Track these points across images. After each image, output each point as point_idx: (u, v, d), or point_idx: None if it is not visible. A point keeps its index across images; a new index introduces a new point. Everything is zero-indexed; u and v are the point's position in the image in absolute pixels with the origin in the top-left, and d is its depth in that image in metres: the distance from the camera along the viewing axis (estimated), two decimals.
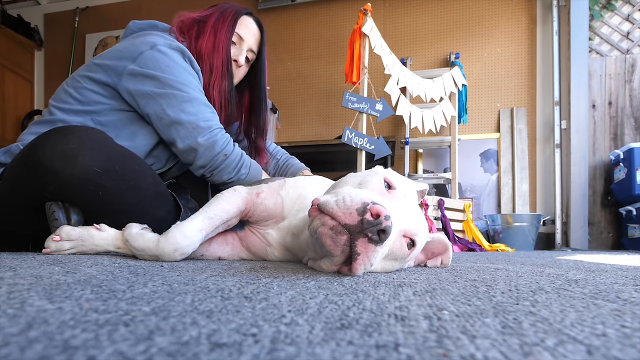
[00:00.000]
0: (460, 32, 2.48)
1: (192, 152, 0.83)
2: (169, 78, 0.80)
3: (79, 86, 0.82)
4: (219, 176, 0.86)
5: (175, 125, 0.81)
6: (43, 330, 0.19)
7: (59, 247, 0.62)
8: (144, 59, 0.80)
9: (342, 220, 0.42)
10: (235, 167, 0.86)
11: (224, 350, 0.17)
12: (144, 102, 0.81)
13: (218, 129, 0.84)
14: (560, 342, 0.20)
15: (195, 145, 0.82)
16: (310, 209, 0.46)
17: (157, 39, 0.83)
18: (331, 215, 0.42)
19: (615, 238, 2.28)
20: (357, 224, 0.42)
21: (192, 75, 0.85)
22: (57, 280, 0.34)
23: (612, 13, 2.37)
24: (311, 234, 0.46)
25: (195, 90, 0.84)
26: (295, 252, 0.63)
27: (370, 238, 0.42)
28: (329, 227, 0.42)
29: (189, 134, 0.81)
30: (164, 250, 0.57)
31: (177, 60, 0.83)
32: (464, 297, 0.33)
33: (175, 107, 0.80)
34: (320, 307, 0.27)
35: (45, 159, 0.63)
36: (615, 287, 0.42)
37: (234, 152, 0.86)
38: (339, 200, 0.43)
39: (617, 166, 2.14)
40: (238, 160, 0.86)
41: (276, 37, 2.75)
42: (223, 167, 0.85)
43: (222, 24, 0.93)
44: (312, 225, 0.45)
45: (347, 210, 0.42)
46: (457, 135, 2.23)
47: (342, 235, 0.42)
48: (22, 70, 3.01)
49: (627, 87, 2.33)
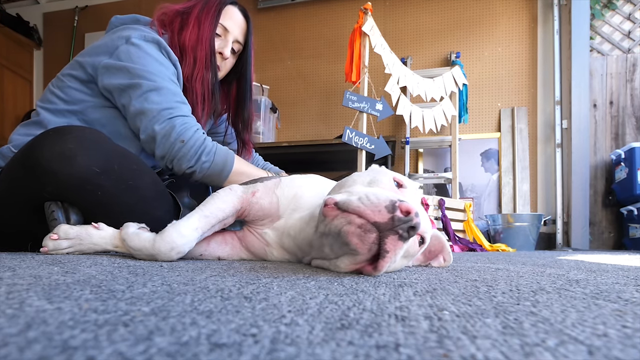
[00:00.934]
0: (460, 32, 2.48)
1: (151, 141, 0.79)
2: (137, 68, 0.78)
3: (64, 85, 0.82)
4: (178, 165, 0.80)
5: (139, 115, 0.78)
6: (42, 331, 0.19)
7: (56, 245, 0.62)
8: (118, 53, 0.79)
9: (371, 218, 0.42)
10: (195, 154, 0.79)
11: (223, 351, 0.17)
12: (117, 95, 0.80)
13: (179, 116, 0.79)
14: (561, 343, 0.20)
15: (153, 133, 0.77)
16: (326, 209, 0.45)
17: (132, 32, 0.82)
18: (358, 213, 0.42)
19: (617, 238, 2.27)
20: (388, 221, 0.41)
21: (165, 66, 0.82)
22: (56, 281, 0.34)
23: (613, 12, 2.36)
24: (328, 233, 0.45)
25: (165, 79, 0.81)
26: (293, 252, 0.63)
27: (400, 235, 0.42)
28: (357, 226, 0.42)
29: (148, 123, 0.78)
30: (160, 250, 0.57)
31: (150, 51, 0.81)
32: (465, 298, 0.33)
33: (140, 97, 0.77)
34: (320, 307, 0.27)
35: (43, 160, 0.62)
36: (617, 287, 0.42)
37: (193, 138, 0.79)
38: (362, 198, 0.43)
39: (618, 166, 2.14)
40: (198, 147, 0.79)
41: (276, 36, 2.74)
42: (182, 155, 0.78)
43: (205, 15, 0.89)
44: (334, 224, 0.44)
45: (376, 208, 0.42)
46: (457, 135, 2.23)
47: (372, 233, 0.42)
48: (21, 70, 3.00)
49: (629, 87, 2.32)
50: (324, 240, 0.48)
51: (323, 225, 0.46)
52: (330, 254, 0.48)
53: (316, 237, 0.50)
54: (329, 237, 0.46)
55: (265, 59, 2.73)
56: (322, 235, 0.47)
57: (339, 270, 0.48)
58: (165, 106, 0.79)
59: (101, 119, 0.83)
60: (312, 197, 0.64)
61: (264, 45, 2.72)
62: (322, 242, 0.48)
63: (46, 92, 0.85)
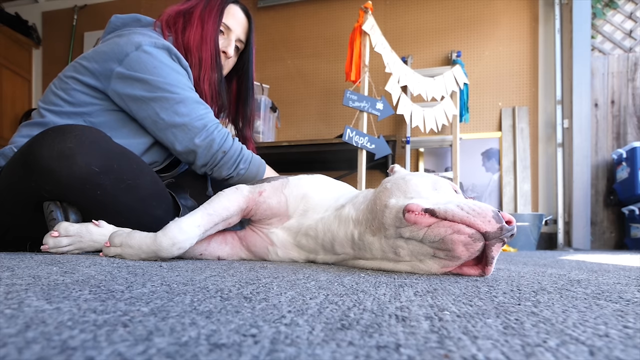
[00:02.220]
0: (461, 30, 2.47)
1: (191, 153, 0.84)
2: (158, 80, 0.80)
3: (68, 88, 0.82)
4: (218, 173, 0.87)
5: (171, 128, 0.81)
6: (41, 331, 0.19)
7: (57, 243, 0.62)
8: (130, 61, 0.79)
9: (482, 229, 0.44)
10: (234, 163, 0.86)
11: (223, 351, 0.17)
12: (137, 107, 0.81)
13: (214, 126, 0.84)
14: (562, 343, 0.20)
15: (193, 146, 0.82)
16: (415, 216, 0.46)
17: (142, 38, 0.82)
18: (468, 223, 0.44)
19: (618, 238, 2.27)
20: (497, 231, 0.44)
21: (181, 74, 0.84)
22: (55, 281, 0.34)
23: (615, 11, 2.36)
24: (419, 239, 0.47)
25: (186, 89, 0.83)
26: (312, 251, 0.64)
27: (504, 242, 0.46)
28: (468, 235, 0.44)
29: (185, 136, 0.82)
30: (161, 244, 0.56)
31: (164, 59, 0.82)
32: (466, 298, 0.33)
33: (168, 110, 0.80)
34: (320, 307, 0.27)
35: (43, 159, 0.62)
36: (618, 287, 0.42)
37: (233, 147, 0.86)
38: (464, 207, 0.45)
39: (620, 165, 2.13)
40: (237, 156, 0.87)
41: (276, 35, 2.74)
42: (222, 164, 0.86)
43: (208, 15, 0.91)
44: (433, 231, 0.45)
45: (485, 219, 0.44)
46: (458, 134, 2.22)
47: (479, 242, 0.45)
48: (19, 69, 2.99)
49: (630, 86, 2.32)
50: (400, 243, 0.49)
51: (408, 231, 0.47)
52: (405, 257, 0.50)
53: (378, 239, 0.52)
54: (411, 242, 0.48)
55: (265, 58, 2.72)
56: (398, 239, 0.49)
57: (419, 272, 0.50)
58: (197, 117, 0.82)
59: (109, 122, 0.83)
60: (323, 198, 0.65)
61: (264, 44, 2.72)
62: (394, 245, 0.50)
63: (48, 94, 0.84)
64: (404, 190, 0.52)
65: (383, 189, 0.54)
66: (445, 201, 0.47)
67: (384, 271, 0.53)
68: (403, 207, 0.47)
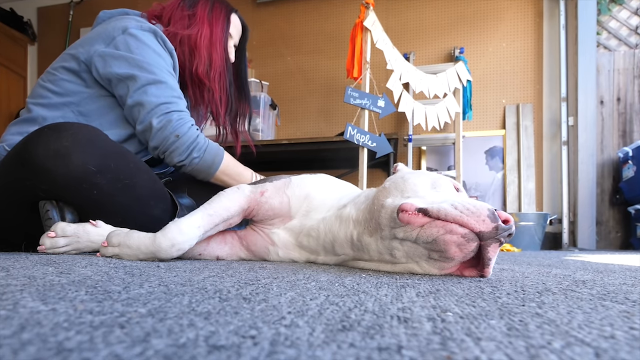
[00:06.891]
0: (464, 27, 2.45)
1: (147, 132, 0.83)
2: (136, 59, 0.81)
3: (55, 78, 0.83)
4: (170, 158, 0.85)
5: (137, 106, 0.82)
6: (36, 332, 0.18)
7: (54, 243, 0.61)
8: (116, 44, 0.82)
9: (476, 228, 0.42)
10: (187, 149, 0.84)
11: (222, 353, 0.17)
12: (115, 84, 0.82)
13: (175, 111, 0.83)
14: (567, 345, 0.19)
15: (150, 125, 0.82)
16: (408, 216, 0.45)
17: (128, 22, 0.84)
18: (460, 223, 0.42)
19: (624, 238, 2.25)
20: (492, 230, 0.42)
21: (162, 57, 0.86)
22: (50, 281, 0.34)
23: (621, 7, 2.33)
24: (412, 239, 0.45)
25: (163, 71, 0.84)
26: (313, 251, 0.63)
27: (501, 242, 0.44)
28: (461, 235, 0.42)
29: (146, 116, 0.82)
30: (160, 246, 0.56)
31: (148, 41, 0.84)
32: (469, 298, 0.33)
33: (139, 90, 0.81)
34: (321, 308, 0.27)
35: (38, 157, 0.62)
36: (624, 288, 0.41)
37: (187, 134, 0.84)
38: (459, 207, 0.43)
39: (626, 164, 2.11)
40: (191, 143, 0.84)
41: (275, 31, 2.73)
42: (174, 149, 0.83)
43: (216, 20, 0.95)
44: (426, 232, 0.44)
45: (479, 218, 0.42)
46: (461, 132, 2.21)
47: (473, 242, 0.43)
48: (14, 65, 2.96)
49: (636, 83, 2.29)
50: (396, 245, 0.48)
51: (402, 231, 0.46)
52: (401, 259, 0.49)
53: (375, 240, 0.50)
54: (405, 243, 0.46)
55: (264, 54, 2.71)
56: (393, 240, 0.48)
57: (413, 271, 0.49)
58: (164, 100, 0.83)
59: (97, 109, 0.84)
60: (326, 198, 0.64)
61: (263, 41, 2.71)
62: (390, 246, 0.49)
63: (37, 88, 0.85)
64: (402, 190, 0.51)
65: (382, 189, 0.53)
66: (440, 200, 0.46)
67: (384, 272, 0.52)
68: (397, 207, 0.46)
